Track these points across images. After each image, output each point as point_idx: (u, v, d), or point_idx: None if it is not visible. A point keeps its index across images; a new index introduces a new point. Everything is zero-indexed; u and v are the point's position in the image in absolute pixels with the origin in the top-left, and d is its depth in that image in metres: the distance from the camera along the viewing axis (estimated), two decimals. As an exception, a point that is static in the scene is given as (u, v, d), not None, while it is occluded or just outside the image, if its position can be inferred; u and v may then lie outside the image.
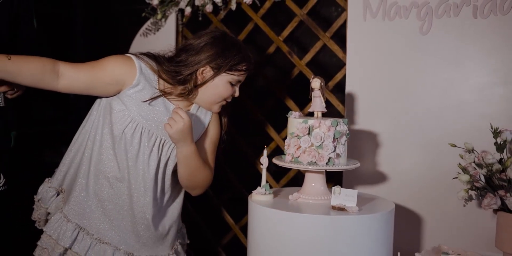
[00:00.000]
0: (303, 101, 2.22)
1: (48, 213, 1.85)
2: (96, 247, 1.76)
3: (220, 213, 2.58)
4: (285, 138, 1.79)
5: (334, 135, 1.67)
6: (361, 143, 2.13)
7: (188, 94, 1.80)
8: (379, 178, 2.10)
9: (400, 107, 2.07)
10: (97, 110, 1.82)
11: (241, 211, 2.40)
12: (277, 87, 2.38)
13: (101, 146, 1.78)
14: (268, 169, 1.81)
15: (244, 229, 2.40)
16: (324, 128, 1.68)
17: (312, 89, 1.78)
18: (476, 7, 1.94)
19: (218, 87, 1.81)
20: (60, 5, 3.29)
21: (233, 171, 2.54)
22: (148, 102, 1.76)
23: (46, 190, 1.84)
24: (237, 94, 1.87)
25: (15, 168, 2.09)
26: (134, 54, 1.80)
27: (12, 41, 1.98)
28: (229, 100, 1.87)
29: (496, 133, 1.71)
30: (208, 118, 1.91)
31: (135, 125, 1.76)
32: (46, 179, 1.89)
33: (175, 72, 1.78)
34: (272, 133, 2.40)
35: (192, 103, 1.88)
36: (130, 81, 1.75)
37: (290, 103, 2.36)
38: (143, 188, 1.78)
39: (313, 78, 1.77)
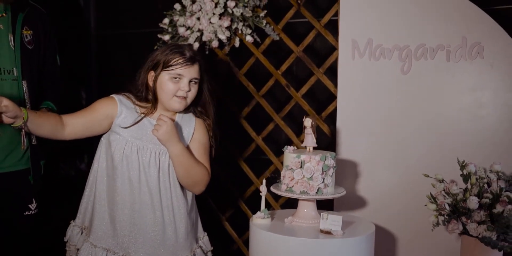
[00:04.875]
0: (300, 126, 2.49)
1: (78, 250, 2.09)
2: None
3: (224, 226, 2.87)
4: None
5: (322, 169, 1.95)
6: (348, 169, 2.41)
7: (155, 103, 2.06)
8: (362, 201, 2.39)
9: (384, 137, 2.35)
10: (100, 149, 2.09)
11: (244, 223, 2.70)
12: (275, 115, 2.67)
13: (108, 176, 2.04)
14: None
15: (247, 242, 2.69)
16: (314, 162, 1.96)
17: (305, 127, 2.06)
18: (449, 52, 2.22)
19: (163, 85, 2.03)
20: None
21: (238, 191, 2.83)
22: (135, 125, 2.03)
23: (72, 229, 2.11)
24: (186, 88, 2.00)
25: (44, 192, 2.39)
26: (116, 94, 2.09)
27: (39, 78, 2.30)
28: (182, 95, 2.01)
29: (462, 166, 1.99)
30: (192, 124, 2.13)
31: (130, 145, 2.02)
32: (71, 221, 2.14)
33: (137, 90, 2.08)
34: (272, 157, 2.69)
35: (176, 113, 2.11)
36: (115, 112, 2.04)
37: (288, 129, 2.64)
38: (150, 201, 2.01)
39: (305, 117, 2.05)
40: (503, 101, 2.16)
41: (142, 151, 2.03)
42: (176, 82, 2.02)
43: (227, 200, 2.87)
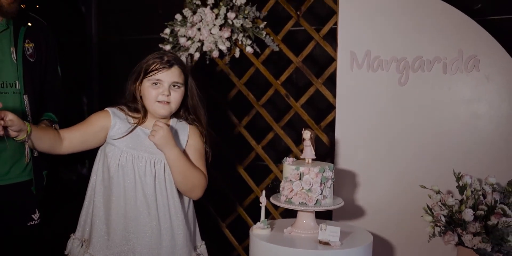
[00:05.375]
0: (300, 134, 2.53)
1: None
2: None
3: (224, 234, 2.91)
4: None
5: (321, 180, 2.00)
6: (347, 179, 2.45)
7: (144, 112, 2.10)
8: (361, 211, 2.43)
9: (381, 147, 2.39)
10: (97, 161, 2.12)
11: (244, 230, 2.75)
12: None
13: (105, 187, 2.07)
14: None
15: (247, 249, 2.73)
16: (312, 174, 2.00)
17: (304, 139, 2.10)
18: (446, 65, 2.26)
19: (145, 93, 2.07)
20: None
21: (238, 198, 2.87)
22: (128, 135, 2.06)
23: (72, 242, 2.13)
24: (165, 93, 2.02)
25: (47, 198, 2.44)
26: (110, 107, 2.13)
27: (41, 90, 2.33)
28: (162, 100, 2.03)
29: (458, 177, 2.03)
30: (186, 131, 2.15)
31: (125, 155, 2.05)
32: (71, 234, 2.16)
33: (127, 101, 2.12)
34: (271, 165, 2.73)
35: (169, 120, 2.15)
36: (109, 124, 2.08)
37: (287, 138, 2.69)
38: (146, 210, 2.03)
39: (304, 130, 2.09)
40: (499, 113, 2.20)
41: (137, 161, 2.05)
42: (156, 88, 2.04)
43: (227, 207, 2.91)
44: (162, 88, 2.04)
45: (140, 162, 2.05)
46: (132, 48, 3.56)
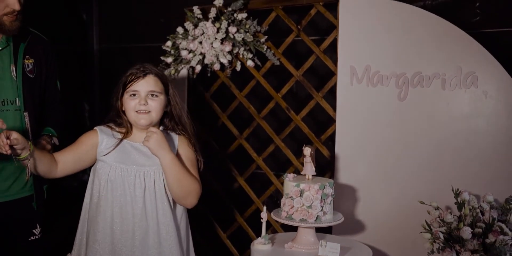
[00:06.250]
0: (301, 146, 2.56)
1: None
2: None
3: (225, 245, 2.94)
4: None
5: (321, 197, 2.03)
6: (347, 193, 2.48)
7: (129, 125, 2.13)
8: (360, 225, 2.46)
9: (381, 162, 2.41)
10: (89, 181, 2.14)
11: (245, 241, 2.78)
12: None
13: (97, 204, 2.07)
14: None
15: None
16: (313, 191, 2.03)
17: (304, 156, 2.13)
18: (445, 80, 2.28)
19: (125, 105, 2.10)
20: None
21: (239, 209, 2.90)
22: (116, 150, 2.08)
23: None
24: (142, 102, 2.04)
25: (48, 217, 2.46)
26: (98, 125, 2.16)
27: (41, 103, 2.35)
28: (139, 109, 2.05)
29: (457, 194, 2.06)
30: (175, 141, 2.17)
31: (114, 170, 2.07)
32: (68, 254, 2.18)
33: (113, 117, 2.16)
34: (272, 178, 2.76)
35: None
36: (97, 140, 2.11)
37: (288, 151, 2.71)
38: (132, 221, 2.03)
39: (304, 146, 2.12)
40: (497, 129, 2.22)
41: (126, 174, 2.07)
42: (134, 99, 2.07)
43: (228, 218, 2.94)
44: (139, 98, 2.07)
45: (129, 176, 2.07)
46: (133, 55, 3.59)
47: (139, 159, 2.08)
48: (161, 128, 2.17)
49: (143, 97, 2.06)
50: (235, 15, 2.70)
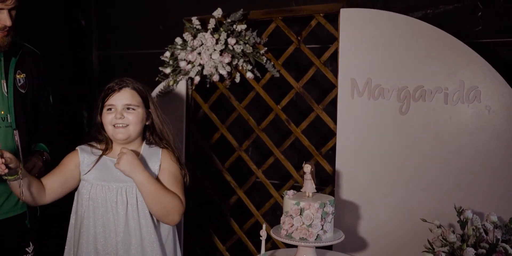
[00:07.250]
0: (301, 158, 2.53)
1: None
2: None
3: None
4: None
5: (321, 216, 1.99)
6: (347, 208, 2.44)
7: (109, 140, 2.12)
8: (361, 241, 2.42)
9: (382, 176, 2.38)
10: (75, 201, 2.11)
11: (244, 254, 2.75)
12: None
13: (81, 224, 2.06)
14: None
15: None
16: (313, 209, 1.99)
17: (304, 173, 2.09)
18: (447, 95, 2.24)
19: (103, 119, 2.09)
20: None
21: (238, 223, 2.87)
22: (97, 168, 2.06)
23: None
24: (118, 116, 2.03)
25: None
26: (79, 145, 2.15)
27: (33, 119, 2.31)
28: (116, 122, 2.04)
29: (459, 212, 2.02)
30: (159, 156, 2.13)
31: (96, 187, 2.05)
32: None
33: (95, 133, 2.14)
34: (272, 191, 2.72)
35: (140, 146, 2.14)
36: (78, 160, 2.09)
37: (288, 164, 2.68)
38: (114, 240, 2.02)
39: (304, 163, 2.08)
40: (500, 144, 2.18)
41: (108, 191, 2.04)
42: (111, 113, 2.06)
43: (228, 231, 2.90)
44: (115, 111, 2.06)
45: (111, 193, 2.05)
46: (132, 61, 3.57)
47: (121, 175, 2.03)
48: (144, 142, 2.16)
49: (119, 111, 2.05)
50: (234, 26, 2.66)
